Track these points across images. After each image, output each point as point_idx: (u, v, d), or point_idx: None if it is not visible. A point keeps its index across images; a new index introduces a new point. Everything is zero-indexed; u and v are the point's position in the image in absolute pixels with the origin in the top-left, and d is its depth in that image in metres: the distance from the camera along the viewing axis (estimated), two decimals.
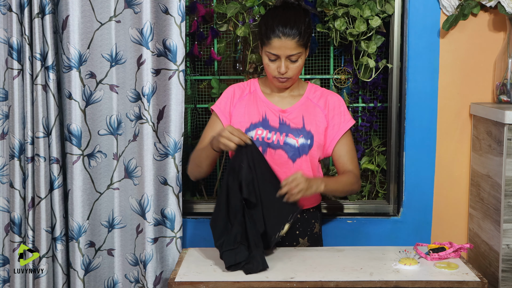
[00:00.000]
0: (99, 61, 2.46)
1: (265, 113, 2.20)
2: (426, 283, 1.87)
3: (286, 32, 2.04)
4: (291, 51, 2.07)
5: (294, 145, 2.16)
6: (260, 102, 2.22)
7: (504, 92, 2.46)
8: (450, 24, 2.45)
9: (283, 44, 2.05)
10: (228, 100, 2.24)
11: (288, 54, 2.07)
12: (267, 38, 2.07)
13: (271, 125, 2.19)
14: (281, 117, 2.20)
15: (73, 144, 2.46)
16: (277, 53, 2.07)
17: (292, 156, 2.16)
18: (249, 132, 2.18)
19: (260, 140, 2.16)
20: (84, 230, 2.51)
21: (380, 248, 2.20)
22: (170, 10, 2.39)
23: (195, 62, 2.83)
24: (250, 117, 2.20)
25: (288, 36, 2.05)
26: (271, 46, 2.07)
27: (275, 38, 2.05)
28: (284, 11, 2.10)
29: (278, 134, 2.17)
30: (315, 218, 2.26)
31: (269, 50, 2.08)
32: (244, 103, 2.22)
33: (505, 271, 2.25)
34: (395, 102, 2.62)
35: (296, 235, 2.22)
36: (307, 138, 2.17)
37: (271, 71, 2.12)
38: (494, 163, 2.29)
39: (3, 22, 2.43)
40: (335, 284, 1.86)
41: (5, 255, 2.56)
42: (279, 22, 2.06)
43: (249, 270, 1.92)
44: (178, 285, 1.89)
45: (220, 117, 2.23)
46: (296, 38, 2.05)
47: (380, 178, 2.79)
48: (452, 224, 2.61)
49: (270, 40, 2.06)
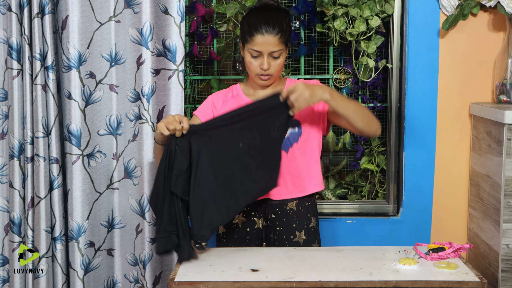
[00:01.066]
0: (99, 61, 2.46)
1: None
2: (425, 283, 1.87)
3: (268, 29, 2.09)
4: (273, 47, 2.10)
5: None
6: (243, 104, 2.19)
7: (504, 92, 2.46)
8: (449, 24, 2.45)
9: (266, 41, 2.09)
10: (209, 108, 2.24)
11: (270, 50, 2.10)
12: (250, 35, 2.11)
13: None
14: None
15: (72, 144, 2.46)
16: (259, 50, 2.11)
17: (284, 146, 2.17)
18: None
19: None
20: (84, 230, 2.51)
21: (380, 248, 2.20)
22: (169, 10, 2.39)
23: (195, 62, 2.83)
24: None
25: (271, 33, 2.09)
26: (254, 42, 2.11)
27: (258, 34, 2.09)
28: (265, 11, 2.15)
29: None
30: (310, 212, 2.26)
31: (252, 47, 2.11)
32: (228, 107, 2.21)
33: (505, 271, 2.25)
34: (394, 102, 2.62)
35: (292, 228, 2.23)
36: (294, 126, 2.18)
37: (253, 69, 2.15)
38: (494, 163, 2.29)
39: (3, 22, 2.43)
40: (334, 284, 1.86)
41: (4, 255, 2.55)
42: (262, 19, 2.10)
43: (179, 257, 1.98)
44: (178, 285, 1.88)
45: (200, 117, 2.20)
46: (279, 35, 2.10)
47: (380, 178, 2.79)
48: (452, 224, 2.61)
49: (253, 37, 2.10)
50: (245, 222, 2.23)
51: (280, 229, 2.22)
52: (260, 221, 2.23)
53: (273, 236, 2.25)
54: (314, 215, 2.28)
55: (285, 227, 2.22)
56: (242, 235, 2.23)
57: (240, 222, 2.24)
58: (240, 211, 2.19)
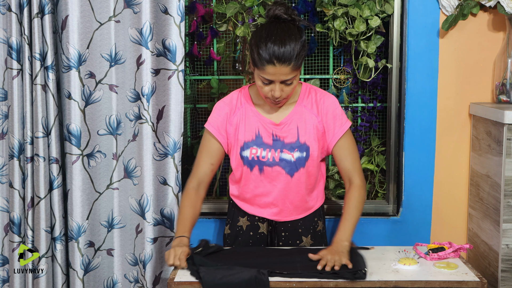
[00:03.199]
0: (99, 61, 2.46)
1: (258, 130, 2.13)
2: (425, 283, 1.87)
3: (281, 59, 1.94)
4: (286, 77, 1.98)
5: (290, 160, 2.12)
6: (252, 117, 2.14)
7: (504, 92, 2.46)
8: (449, 24, 2.45)
9: (278, 71, 1.96)
10: (221, 117, 2.16)
11: (283, 79, 1.98)
12: (261, 64, 1.96)
13: (265, 143, 2.12)
14: (274, 133, 2.12)
15: (72, 144, 2.46)
16: (271, 79, 1.98)
17: (290, 171, 2.13)
18: (243, 152, 2.13)
19: (256, 159, 2.12)
20: (84, 230, 2.51)
21: (380, 248, 2.20)
22: (169, 10, 2.39)
23: (195, 62, 2.83)
24: (244, 135, 2.13)
25: (283, 63, 1.94)
26: (265, 72, 1.97)
27: (269, 65, 1.95)
28: (277, 31, 1.97)
29: (272, 151, 2.12)
30: (317, 216, 2.25)
31: (262, 74, 1.98)
32: (237, 119, 2.14)
33: (505, 271, 2.25)
34: (394, 102, 2.62)
35: (298, 233, 2.22)
36: (302, 151, 2.12)
37: (264, 93, 2.04)
38: (494, 163, 2.29)
39: (3, 22, 2.43)
40: (334, 284, 1.86)
41: (4, 255, 2.55)
42: (274, 49, 1.94)
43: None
44: (178, 285, 1.88)
45: (216, 135, 2.15)
46: (292, 64, 1.96)
47: (380, 178, 2.79)
48: (452, 224, 2.61)
49: (264, 67, 1.96)
50: (249, 225, 2.22)
51: (285, 234, 2.21)
52: (264, 226, 2.22)
53: (277, 242, 2.23)
54: (321, 219, 2.27)
55: (291, 232, 2.20)
56: (246, 239, 2.23)
57: (245, 225, 2.23)
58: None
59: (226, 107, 2.16)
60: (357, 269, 1.90)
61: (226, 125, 2.15)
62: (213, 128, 2.15)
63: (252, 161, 2.12)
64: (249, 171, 2.15)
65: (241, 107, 2.15)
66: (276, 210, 2.19)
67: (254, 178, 2.15)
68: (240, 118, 2.14)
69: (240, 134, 2.14)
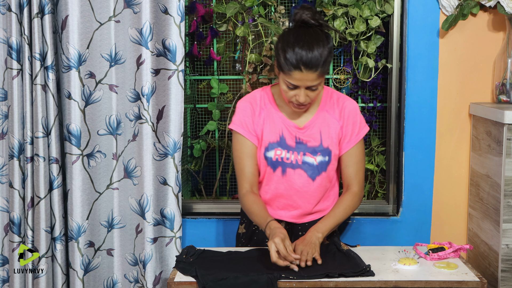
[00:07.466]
0: (99, 61, 2.46)
1: (282, 132, 2.13)
2: (425, 283, 1.87)
3: (308, 65, 1.93)
4: (312, 83, 1.97)
5: (312, 164, 2.13)
6: (276, 119, 2.14)
7: (504, 92, 2.46)
8: (449, 24, 2.45)
9: (305, 77, 1.95)
10: (248, 117, 2.14)
11: (308, 85, 1.97)
12: (287, 69, 1.95)
13: (288, 144, 2.13)
14: (297, 136, 2.13)
15: (72, 144, 2.46)
16: (297, 84, 1.97)
17: (312, 174, 2.14)
18: (267, 152, 2.13)
19: (280, 161, 2.13)
20: (84, 230, 2.51)
21: (380, 248, 2.20)
22: (169, 10, 2.39)
23: (195, 62, 2.83)
24: (268, 136, 2.14)
25: (310, 69, 1.93)
26: (291, 77, 1.96)
27: (296, 71, 1.94)
28: (305, 36, 1.96)
29: (295, 153, 2.13)
30: None
31: (288, 80, 1.97)
32: (261, 120, 2.14)
33: (505, 271, 2.25)
34: (394, 102, 2.62)
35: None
36: (325, 155, 2.13)
37: (288, 97, 2.03)
38: (494, 163, 2.29)
39: (3, 22, 2.43)
40: (334, 284, 1.86)
41: (4, 255, 2.55)
42: (301, 55, 1.92)
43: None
44: (178, 285, 1.89)
45: (248, 137, 2.13)
46: (319, 70, 1.95)
47: (380, 178, 2.79)
48: (452, 224, 2.61)
49: (291, 72, 1.95)
50: None
51: (302, 234, 2.20)
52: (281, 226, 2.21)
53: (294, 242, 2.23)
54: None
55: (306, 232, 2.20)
56: (261, 238, 2.22)
57: None
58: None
59: (250, 106, 2.15)
60: (362, 268, 1.90)
61: (253, 124, 2.14)
62: (243, 130, 2.13)
63: (276, 162, 2.13)
64: (271, 172, 2.15)
65: (265, 107, 2.15)
66: (295, 213, 2.20)
67: (276, 179, 2.16)
68: (264, 118, 2.14)
69: (265, 134, 2.14)
